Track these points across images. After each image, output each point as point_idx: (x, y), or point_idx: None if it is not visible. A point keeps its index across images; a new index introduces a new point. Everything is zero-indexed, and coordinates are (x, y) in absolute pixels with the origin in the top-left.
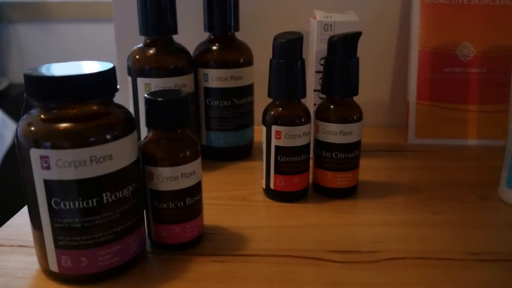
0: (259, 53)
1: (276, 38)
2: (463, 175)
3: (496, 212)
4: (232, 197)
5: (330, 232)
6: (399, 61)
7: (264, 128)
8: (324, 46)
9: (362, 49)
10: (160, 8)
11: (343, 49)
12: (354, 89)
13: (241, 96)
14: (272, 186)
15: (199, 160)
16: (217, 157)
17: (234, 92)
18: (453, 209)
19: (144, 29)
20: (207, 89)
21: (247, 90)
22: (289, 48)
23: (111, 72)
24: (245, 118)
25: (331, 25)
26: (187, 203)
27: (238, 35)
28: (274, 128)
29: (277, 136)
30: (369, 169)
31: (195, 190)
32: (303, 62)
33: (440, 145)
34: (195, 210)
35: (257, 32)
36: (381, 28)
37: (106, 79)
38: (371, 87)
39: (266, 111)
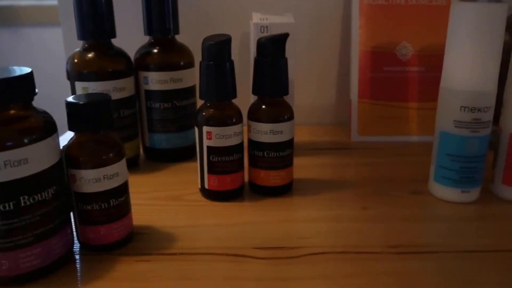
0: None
1: (204, 41)
2: (399, 170)
3: (424, 206)
4: (168, 198)
5: (258, 230)
6: (343, 61)
7: (196, 129)
8: None
9: (307, 50)
10: (97, 12)
11: (271, 50)
12: (284, 89)
13: (181, 98)
14: (206, 186)
15: (123, 162)
16: (160, 159)
17: (174, 94)
18: (383, 204)
19: (81, 34)
20: (148, 92)
21: (188, 92)
22: (217, 50)
23: (27, 77)
24: (187, 120)
25: (267, 27)
26: (111, 205)
27: (180, 37)
28: (205, 128)
29: (208, 137)
30: (311, 167)
31: (120, 191)
32: (232, 63)
33: (382, 142)
34: (121, 211)
35: (199, 35)
36: (326, 29)
37: (22, 84)
38: (317, 87)
39: (198, 112)
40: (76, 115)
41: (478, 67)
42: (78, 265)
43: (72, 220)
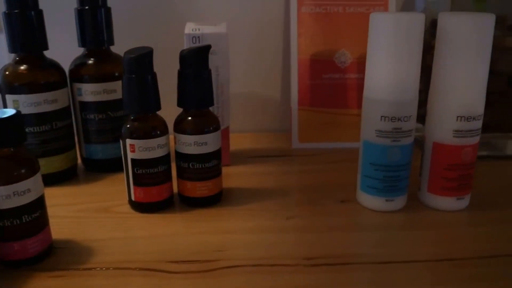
0: None
1: (125, 54)
2: (333, 178)
3: (351, 215)
4: (98, 209)
5: (179, 242)
6: (285, 69)
7: (121, 142)
8: None
9: (251, 58)
10: (26, 25)
11: (193, 62)
12: (209, 100)
13: (116, 109)
14: (133, 198)
15: (36, 177)
16: (98, 169)
17: (108, 105)
18: (309, 214)
19: (12, 47)
20: (82, 103)
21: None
22: (137, 63)
23: None
24: None
25: (198, 37)
26: (24, 221)
27: (116, 48)
28: (128, 141)
29: (132, 149)
30: (248, 175)
31: (33, 207)
32: (154, 76)
33: (322, 149)
34: (36, 226)
35: (136, 45)
36: (268, 37)
37: None
38: (261, 94)
39: (123, 125)
40: None
41: (397, 77)
42: None
43: None
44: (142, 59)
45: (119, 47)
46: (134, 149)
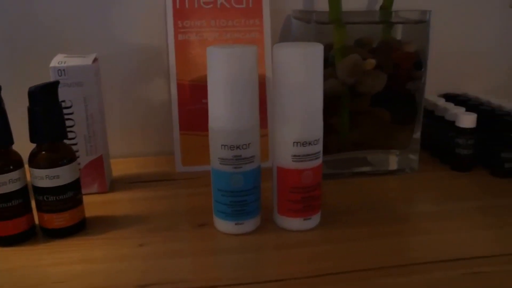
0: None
1: None
2: (205, 201)
3: (205, 240)
4: None
5: (21, 276)
6: (167, 94)
7: None
8: (62, 91)
9: (133, 85)
10: None
11: (42, 98)
12: (61, 134)
13: None
14: None
15: None
16: None
17: None
18: (163, 239)
19: None
20: None
21: None
22: None
23: None
24: None
25: (64, 70)
26: None
27: None
28: None
29: None
30: (126, 201)
31: None
32: (3, 111)
33: (205, 171)
34: None
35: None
36: (150, 64)
37: None
38: (144, 119)
39: None
40: None
41: (233, 107)
42: None
43: None
44: None
45: None
46: None
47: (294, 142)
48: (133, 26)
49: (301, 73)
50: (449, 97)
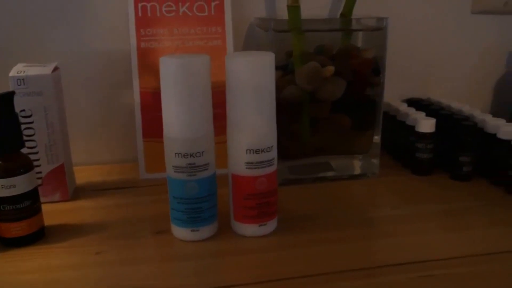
0: None
1: None
2: (160, 208)
3: (161, 247)
4: None
5: None
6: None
7: None
8: (22, 100)
9: (98, 92)
10: None
11: None
12: (17, 144)
13: None
14: None
15: None
16: None
17: None
18: (121, 247)
19: None
20: None
21: None
22: None
23: None
24: None
25: (23, 79)
26: None
27: None
28: None
29: None
30: (87, 209)
31: None
32: None
33: None
34: None
35: None
36: (114, 71)
37: None
38: (108, 126)
39: None
40: None
41: (185, 116)
42: None
43: None
44: None
45: None
46: None
47: (247, 150)
48: (96, 35)
49: (251, 82)
50: (412, 102)
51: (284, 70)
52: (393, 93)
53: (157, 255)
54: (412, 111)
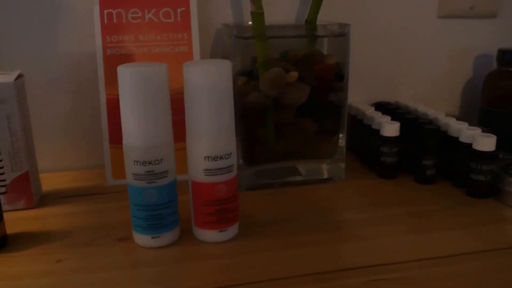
0: None
1: None
2: (128, 214)
3: (123, 254)
4: None
5: None
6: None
7: None
8: None
9: (64, 98)
10: None
11: None
12: None
13: None
14: None
15: None
16: None
17: None
18: (82, 254)
19: None
20: None
21: None
22: None
23: None
24: None
25: None
26: None
27: None
28: None
29: None
30: (52, 216)
31: None
32: None
33: None
34: None
35: None
36: (81, 78)
37: None
38: (75, 132)
39: None
40: None
41: (142, 123)
42: None
43: None
44: None
45: None
46: None
47: (205, 157)
48: (61, 41)
49: (207, 91)
50: (380, 106)
51: (249, 76)
52: (363, 97)
53: (118, 262)
54: (378, 115)
